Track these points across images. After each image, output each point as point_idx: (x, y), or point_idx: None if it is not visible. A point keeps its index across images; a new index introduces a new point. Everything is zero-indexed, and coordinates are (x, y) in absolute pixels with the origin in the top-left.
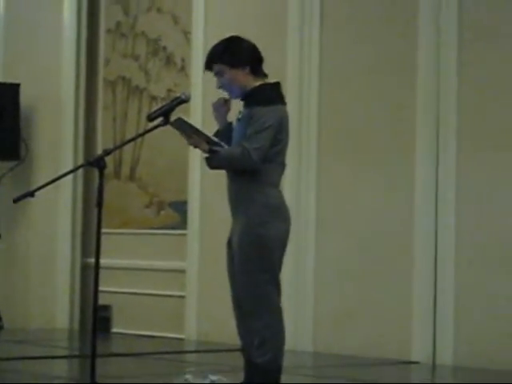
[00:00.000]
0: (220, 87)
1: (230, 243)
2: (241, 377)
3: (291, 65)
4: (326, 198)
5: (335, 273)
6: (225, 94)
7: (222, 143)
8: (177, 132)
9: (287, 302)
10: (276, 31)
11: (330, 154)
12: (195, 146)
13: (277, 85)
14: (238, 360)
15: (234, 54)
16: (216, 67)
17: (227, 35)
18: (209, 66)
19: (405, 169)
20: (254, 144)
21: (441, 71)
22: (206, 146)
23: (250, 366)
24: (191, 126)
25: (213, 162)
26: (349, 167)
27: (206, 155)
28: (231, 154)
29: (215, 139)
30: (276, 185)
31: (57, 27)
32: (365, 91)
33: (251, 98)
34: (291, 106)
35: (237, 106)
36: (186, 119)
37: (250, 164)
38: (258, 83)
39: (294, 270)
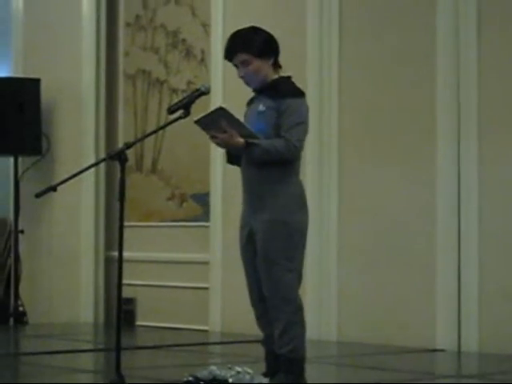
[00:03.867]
0: (242, 77)
1: (250, 236)
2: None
3: (311, 54)
4: (347, 184)
5: (358, 261)
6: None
7: (258, 135)
8: (196, 125)
9: (311, 292)
10: (295, 21)
11: (351, 141)
12: (219, 144)
13: (291, 78)
14: (263, 351)
15: (260, 45)
16: (241, 56)
17: (246, 26)
18: (231, 54)
19: (426, 153)
20: (295, 136)
21: (461, 57)
22: (242, 140)
23: (273, 357)
24: (231, 116)
25: (253, 154)
26: (370, 154)
27: (243, 148)
28: (274, 147)
29: (253, 131)
30: (298, 174)
31: (76, 21)
32: (385, 78)
33: (278, 91)
34: (311, 94)
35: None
36: (227, 109)
37: (294, 156)
38: (276, 75)
39: (317, 260)
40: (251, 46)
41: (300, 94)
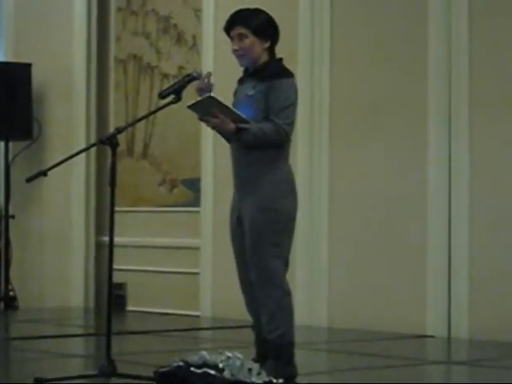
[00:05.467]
0: (235, 51)
1: (239, 220)
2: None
3: (302, 35)
4: (338, 172)
5: (349, 248)
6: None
7: (249, 120)
8: (190, 110)
9: (301, 278)
10: (287, 9)
11: (342, 128)
12: (214, 128)
13: (282, 60)
14: (253, 336)
15: (262, 24)
16: (240, 29)
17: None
18: (232, 25)
19: (418, 136)
20: (285, 119)
21: (452, 38)
22: (233, 126)
23: (263, 342)
24: (221, 104)
25: (243, 138)
26: (361, 137)
27: (233, 133)
28: (263, 131)
29: (243, 116)
30: (288, 158)
31: (67, 6)
32: (376, 60)
33: (266, 72)
34: (302, 75)
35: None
36: (216, 97)
37: (284, 140)
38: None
39: (307, 245)
40: (251, 21)
41: (288, 74)
